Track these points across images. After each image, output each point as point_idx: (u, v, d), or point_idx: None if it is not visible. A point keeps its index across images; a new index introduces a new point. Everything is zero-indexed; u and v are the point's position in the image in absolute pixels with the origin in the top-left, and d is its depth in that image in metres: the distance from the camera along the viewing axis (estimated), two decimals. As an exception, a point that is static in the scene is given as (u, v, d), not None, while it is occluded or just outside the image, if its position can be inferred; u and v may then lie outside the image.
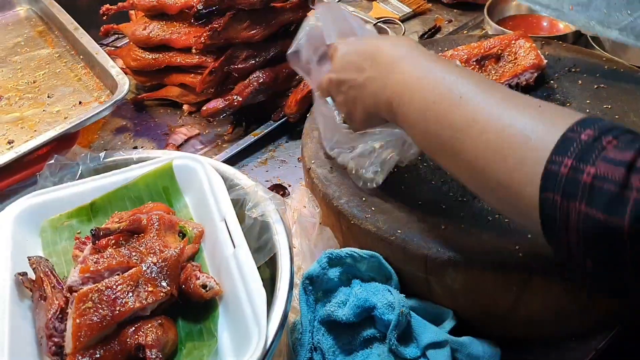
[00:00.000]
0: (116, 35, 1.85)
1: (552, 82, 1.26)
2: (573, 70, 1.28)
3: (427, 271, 0.98)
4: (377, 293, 0.98)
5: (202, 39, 1.40)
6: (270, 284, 0.93)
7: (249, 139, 1.47)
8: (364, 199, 1.06)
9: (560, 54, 1.33)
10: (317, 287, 1.04)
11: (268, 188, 1.33)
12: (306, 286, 1.03)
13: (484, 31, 1.75)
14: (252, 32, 1.40)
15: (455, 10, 1.92)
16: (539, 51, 1.26)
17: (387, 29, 1.72)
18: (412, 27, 1.87)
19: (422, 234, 0.98)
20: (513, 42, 1.27)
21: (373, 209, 1.05)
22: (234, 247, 0.94)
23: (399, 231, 1.00)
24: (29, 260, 0.96)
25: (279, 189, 1.34)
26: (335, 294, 1.03)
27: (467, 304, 0.99)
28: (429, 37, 1.79)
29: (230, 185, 1.05)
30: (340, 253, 1.03)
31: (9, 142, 1.23)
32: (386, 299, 0.97)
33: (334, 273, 1.03)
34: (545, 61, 1.24)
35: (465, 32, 1.81)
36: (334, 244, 1.13)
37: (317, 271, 1.03)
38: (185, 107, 1.60)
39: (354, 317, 0.97)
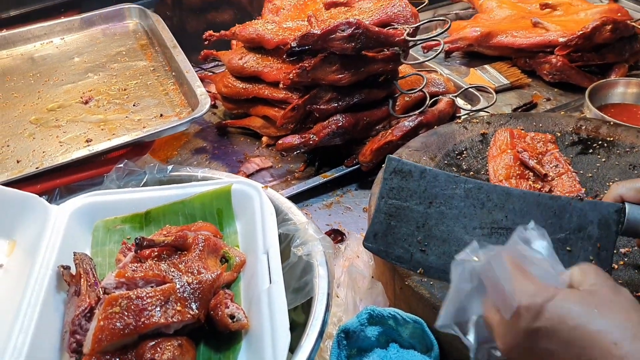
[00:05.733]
0: (216, 62, 1.91)
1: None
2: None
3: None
4: (413, 363, 0.92)
5: (291, 75, 1.42)
6: (302, 329, 0.88)
7: (318, 179, 1.45)
8: (423, 261, 1.01)
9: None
10: (352, 343, 0.98)
11: (326, 232, 1.31)
12: (341, 340, 0.97)
13: (582, 114, 1.66)
14: (340, 76, 1.40)
15: (555, 90, 1.85)
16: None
17: (479, 96, 1.67)
18: (507, 99, 1.81)
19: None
20: None
21: (432, 273, 0.99)
22: (270, 282, 0.90)
23: (454, 302, 0.93)
24: (74, 255, 0.98)
25: (337, 234, 1.30)
26: (370, 354, 0.97)
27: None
28: (522, 112, 1.73)
29: (283, 219, 1.03)
30: (383, 312, 0.97)
31: (87, 141, 1.28)
32: (422, 371, 0.91)
33: (372, 332, 0.98)
34: None
35: (562, 112, 1.73)
36: (382, 302, 1.07)
37: (355, 326, 0.98)
38: (264, 139, 1.62)
39: (383, 384, 0.91)
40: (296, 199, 1.42)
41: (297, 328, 0.91)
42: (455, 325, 0.70)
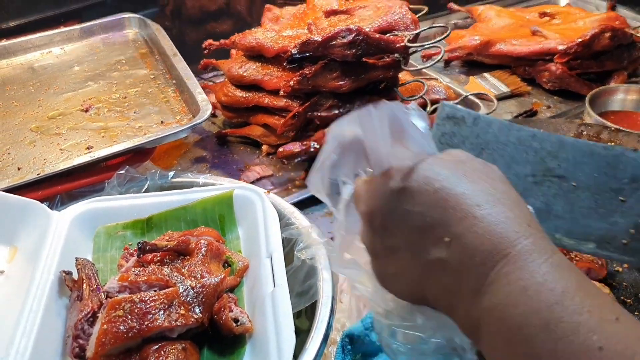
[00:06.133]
0: (215, 72, 1.91)
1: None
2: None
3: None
4: (419, 367, 0.91)
5: (292, 82, 1.42)
6: (305, 337, 0.87)
7: (319, 187, 1.45)
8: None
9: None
10: (356, 348, 0.97)
11: (329, 238, 1.30)
12: (345, 345, 0.96)
13: (583, 121, 1.67)
14: (340, 82, 1.40)
15: (555, 97, 1.85)
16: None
17: (479, 103, 1.68)
18: (507, 107, 1.81)
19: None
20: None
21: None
22: (274, 286, 0.90)
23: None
24: (76, 260, 0.97)
25: (339, 242, 1.30)
26: (375, 359, 0.96)
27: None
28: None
29: (286, 224, 1.03)
30: (387, 316, 0.96)
31: (88, 148, 1.28)
32: (428, 375, 0.89)
33: (377, 336, 0.97)
34: None
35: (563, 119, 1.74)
36: (385, 307, 1.07)
37: (359, 330, 0.96)
38: (264, 147, 1.62)
39: (389, 389, 0.90)
40: (297, 207, 1.41)
41: (300, 334, 0.90)
42: (324, 188, 0.67)
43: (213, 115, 1.76)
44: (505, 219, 0.54)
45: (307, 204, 1.43)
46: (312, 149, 1.42)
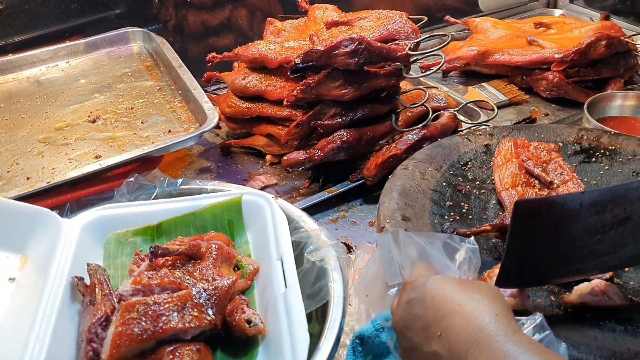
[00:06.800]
0: (219, 85, 1.94)
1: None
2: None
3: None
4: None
5: (295, 91, 1.44)
6: (317, 340, 0.88)
7: (323, 195, 1.46)
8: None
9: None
10: (367, 350, 0.98)
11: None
12: (356, 346, 0.97)
13: (583, 126, 1.69)
14: (343, 91, 1.42)
15: (553, 105, 1.88)
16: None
17: (479, 111, 1.70)
18: (506, 115, 1.84)
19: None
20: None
21: (439, 278, 0.99)
22: (286, 287, 0.91)
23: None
24: (87, 266, 0.98)
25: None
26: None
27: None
28: (522, 126, 1.75)
29: (295, 227, 1.04)
30: (396, 317, 0.97)
31: (96, 157, 1.29)
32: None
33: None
34: None
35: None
36: (393, 310, 1.08)
37: (369, 332, 0.97)
38: (268, 157, 1.63)
39: (400, 389, 0.90)
40: (302, 214, 1.43)
41: (311, 338, 0.91)
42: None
43: (217, 126, 1.78)
44: (478, 311, 0.71)
45: (311, 212, 1.44)
46: (316, 157, 1.44)
